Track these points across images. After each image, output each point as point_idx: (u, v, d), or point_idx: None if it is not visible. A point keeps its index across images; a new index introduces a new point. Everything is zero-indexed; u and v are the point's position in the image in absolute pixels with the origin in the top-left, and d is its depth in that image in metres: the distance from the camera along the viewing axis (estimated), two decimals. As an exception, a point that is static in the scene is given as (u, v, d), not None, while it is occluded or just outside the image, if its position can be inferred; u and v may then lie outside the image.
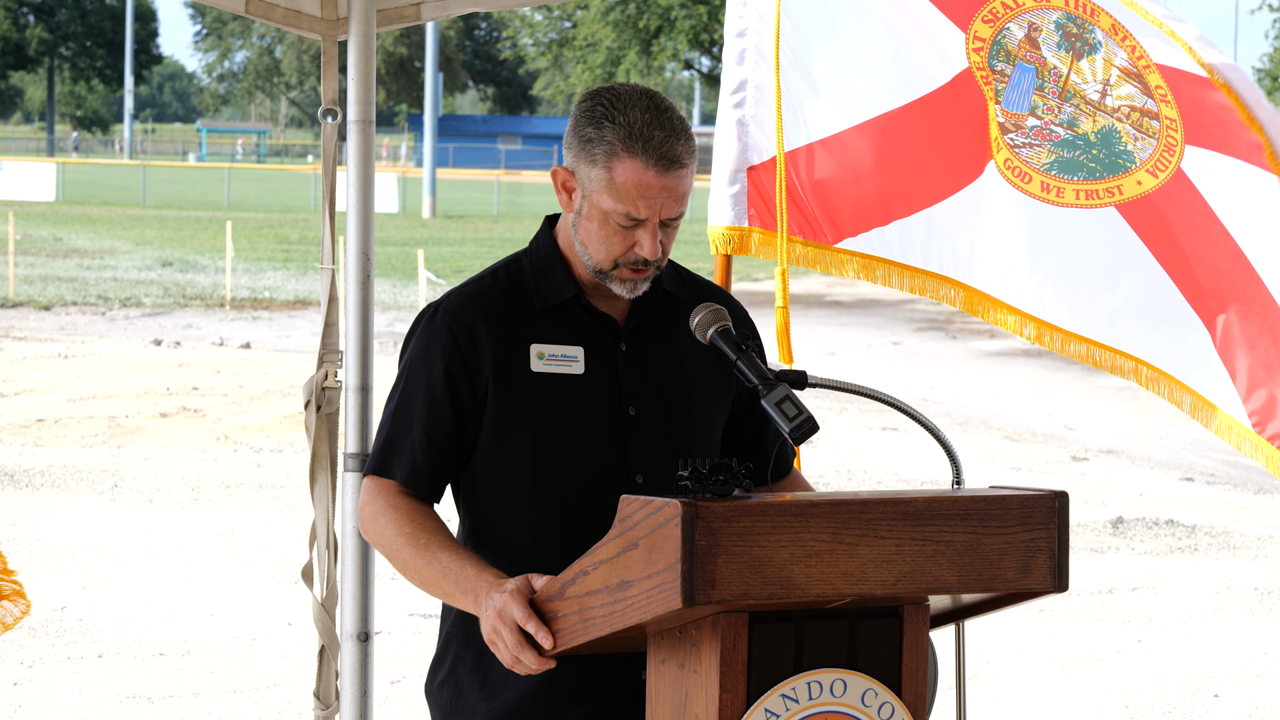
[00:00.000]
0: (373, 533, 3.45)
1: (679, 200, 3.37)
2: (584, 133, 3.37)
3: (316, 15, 4.59)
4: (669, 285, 3.53)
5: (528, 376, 3.42)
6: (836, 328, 24.75)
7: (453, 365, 3.43)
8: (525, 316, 3.45)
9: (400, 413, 3.47)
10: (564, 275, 3.47)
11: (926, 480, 13.60)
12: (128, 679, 8.27)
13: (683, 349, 3.49)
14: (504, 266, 3.53)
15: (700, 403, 3.51)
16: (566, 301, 3.46)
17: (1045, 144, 4.53)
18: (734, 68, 4.86)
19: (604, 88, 3.41)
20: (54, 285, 27.20)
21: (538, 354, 3.43)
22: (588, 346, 3.46)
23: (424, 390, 3.45)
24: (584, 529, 3.36)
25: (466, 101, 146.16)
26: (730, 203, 4.87)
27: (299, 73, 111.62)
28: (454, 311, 3.46)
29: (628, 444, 3.44)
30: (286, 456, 13.97)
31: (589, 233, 3.40)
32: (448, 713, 3.51)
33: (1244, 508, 13.27)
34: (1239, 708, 8.33)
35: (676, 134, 3.35)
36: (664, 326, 3.51)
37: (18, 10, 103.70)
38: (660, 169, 3.33)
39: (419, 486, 3.45)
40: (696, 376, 3.51)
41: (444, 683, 3.52)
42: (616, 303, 3.49)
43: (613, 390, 3.45)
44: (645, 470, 3.43)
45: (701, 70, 65.71)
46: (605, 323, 3.48)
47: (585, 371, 3.44)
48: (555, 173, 3.44)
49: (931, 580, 3.05)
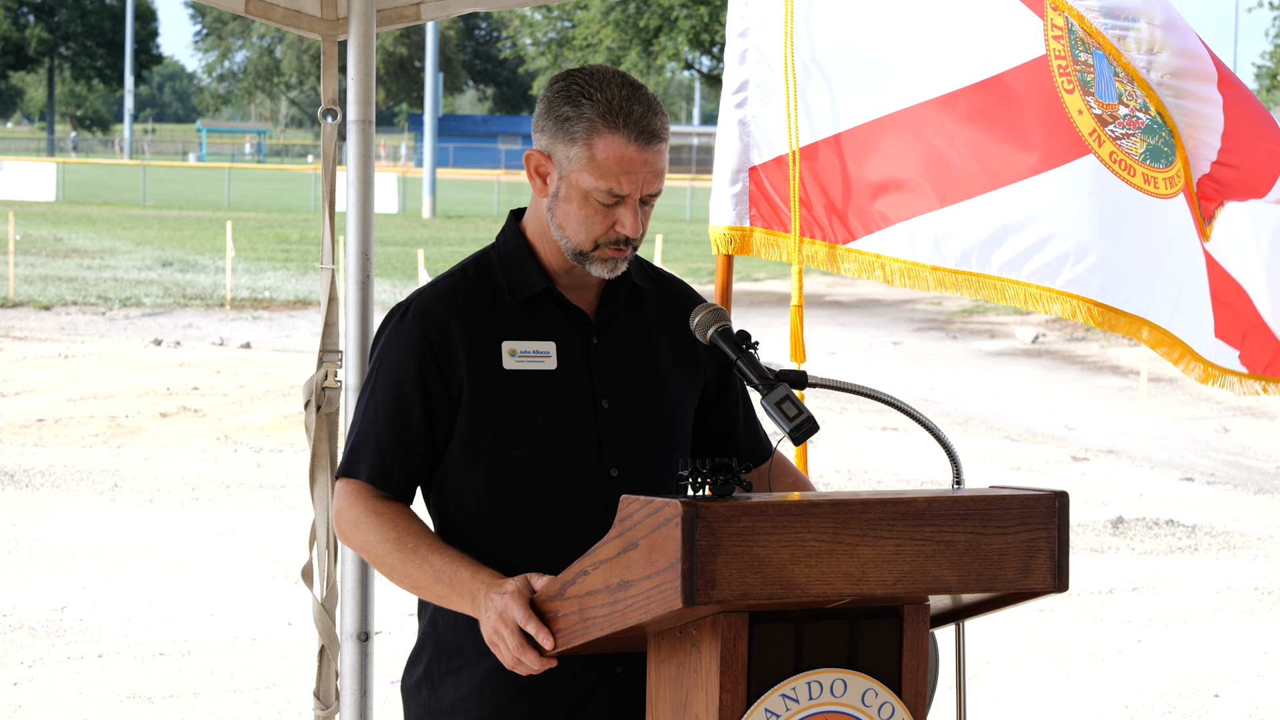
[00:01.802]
0: (355, 539, 3.42)
1: (658, 176, 3.36)
2: (560, 112, 3.36)
3: (316, 15, 4.60)
4: (636, 277, 3.52)
5: (500, 375, 3.40)
6: (836, 328, 24.74)
7: (425, 364, 3.40)
8: (496, 312, 3.44)
9: (369, 412, 3.44)
10: (534, 267, 3.46)
11: (926, 480, 13.60)
12: (128, 679, 8.27)
13: (654, 340, 3.49)
14: (473, 262, 3.51)
15: (672, 393, 3.51)
16: (537, 295, 3.45)
17: (1137, 132, 4.47)
18: (736, 68, 4.85)
19: (574, 69, 3.41)
20: (54, 285, 27.20)
21: (509, 351, 3.41)
22: (559, 341, 3.44)
23: (394, 389, 3.42)
24: (560, 524, 3.37)
25: (466, 101, 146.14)
26: (732, 203, 4.86)
27: (299, 73, 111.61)
28: (425, 310, 3.43)
29: (602, 437, 3.43)
30: (286, 456, 13.97)
31: (567, 214, 3.38)
32: (427, 710, 3.49)
33: (1244, 508, 13.27)
34: (1239, 708, 8.33)
35: (653, 109, 3.35)
36: (634, 318, 3.51)
37: (18, 10, 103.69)
38: (641, 143, 3.32)
39: (388, 486, 3.42)
40: (667, 367, 3.51)
41: (421, 680, 3.50)
42: (586, 295, 3.48)
43: (586, 383, 3.44)
44: (620, 463, 3.42)
45: (701, 70, 65.69)
46: (576, 316, 3.47)
47: (558, 366, 3.43)
48: (529, 157, 3.42)
49: (931, 580, 3.05)
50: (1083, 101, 4.46)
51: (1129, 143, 4.45)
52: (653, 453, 3.45)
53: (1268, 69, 56.36)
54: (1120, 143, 4.44)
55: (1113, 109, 4.46)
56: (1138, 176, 4.44)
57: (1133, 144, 4.45)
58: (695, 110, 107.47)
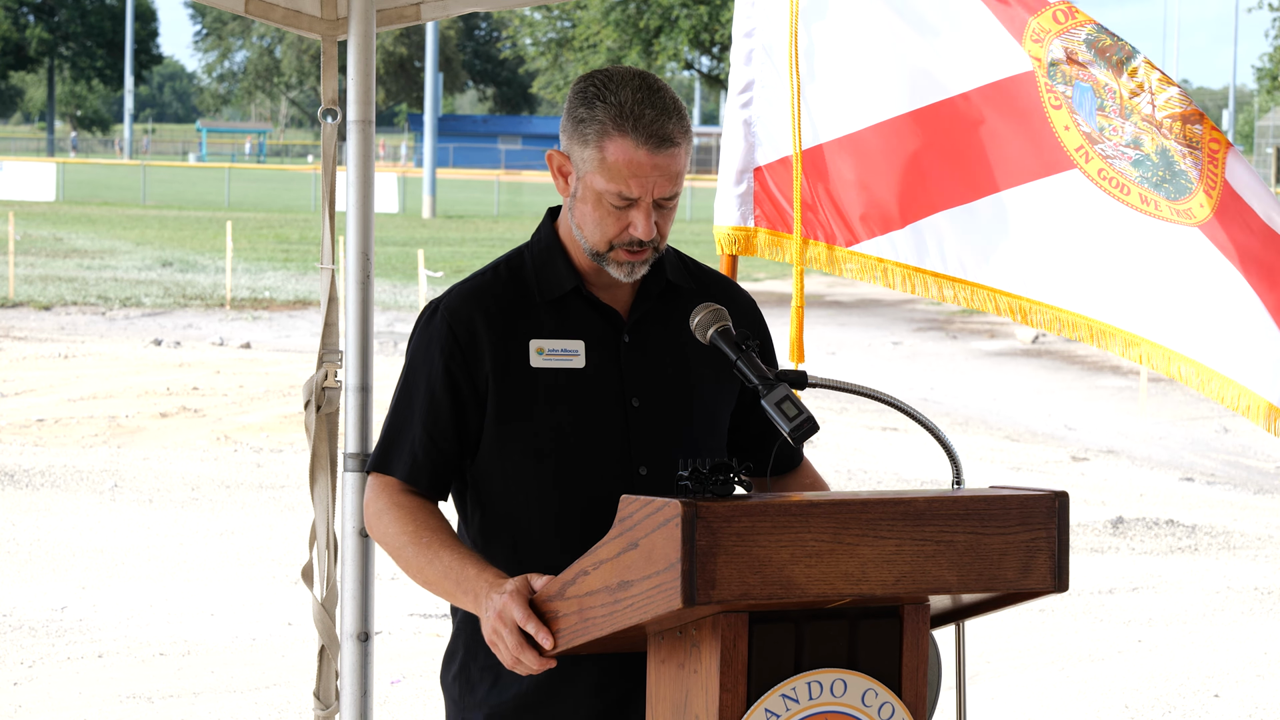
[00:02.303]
0: (377, 530, 3.47)
1: (672, 180, 3.36)
2: (577, 114, 3.38)
3: (316, 15, 4.60)
4: (672, 275, 3.52)
5: (527, 372, 3.42)
6: (836, 328, 24.74)
7: (453, 363, 3.43)
8: (525, 311, 3.45)
9: (401, 410, 3.48)
10: (565, 266, 3.47)
11: (926, 480, 13.59)
12: (128, 679, 8.27)
13: (687, 339, 3.47)
14: (506, 261, 3.53)
15: (705, 392, 3.51)
16: (567, 294, 3.46)
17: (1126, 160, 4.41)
18: (741, 68, 4.85)
19: (598, 70, 3.42)
20: (54, 285, 27.20)
21: (537, 349, 3.43)
22: (589, 339, 3.45)
23: (424, 388, 3.45)
24: (589, 522, 3.36)
25: (466, 101, 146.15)
26: (736, 203, 4.85)
27: (299, 73, 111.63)
28: (453, 309, 3.46)
29: (631, 435, 3.43)
30: (286, 456, 13.97)
31: (584, 215, 3.40)
32: (459, 705, 3.53)
33: (1244, 508, 13.27)
34: (1239, 708, 8.32)
35: (668, 113, 3.35)
36: (668, 316, 3.51)
37: (18, 10, 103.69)
38: (651, 147, 3.33)
39: (419, 483, 3.46)
40: (701, 366, 3.50)
41: (457, 675, 3.54)
42: (619, 293, 3.49)
43: (616, 382, 3.44)
44: (649, 461, 3.43)
45: (701, 70, 65.70)
46: (607, 314, 3.47)
47: (586, 365, 3.44)
48: (551, 157, 3.45)
49: (931, 580, 3.05)
50: (1070, 119, 4.43)
51: (1120, 164, 4.40)
52: (683, 451, 3.44)
53: (1267, 69, 56.36)
54: (1111, 162, 4.39)
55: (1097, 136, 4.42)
56: (1133, 196, 4.38)
57: (1124, 166, 4.40)
58: (695, 110, 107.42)
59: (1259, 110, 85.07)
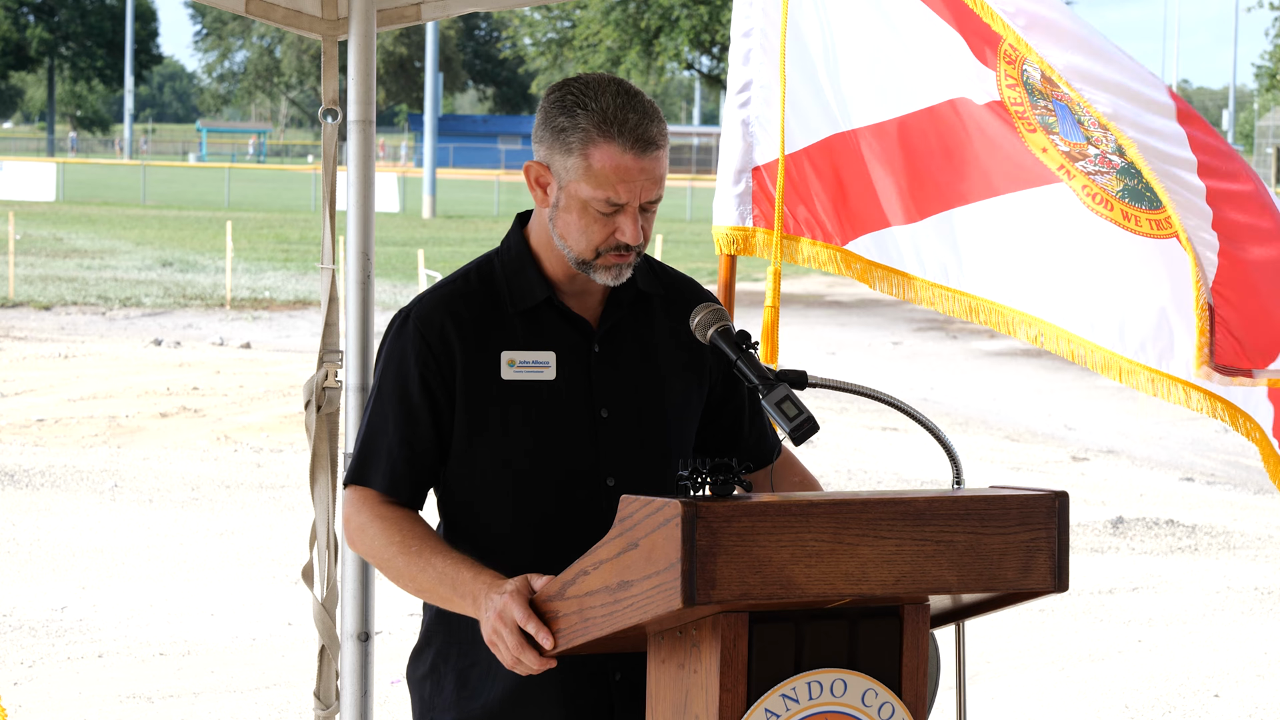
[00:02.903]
0: (361, 544, 3.45)
1: (656, 183, 3.36)
2: (556, 123, 3.36)
3: (316, 15, 4.60)
4: (642, 283, 3.52)
5: (498, 384, 3.41)
6: (836, 328, 24.75)
7: (427, 371, 3.42)
8: (496, 321, 3.44)
9: (376, 420, 3.46)
10: (536, 276, 3.46)
11: (926, 480, 13.60)
12: (128, 679, 8.27)
13: (657, 347, 3.48)
14: (476, 268, 3.51)
15: (674, 400, 3.51)
16: (539, 305, 3.45)
17: (1111, 171, 4.38)
18: (740, 67, 4.85)
19: (570, 78, 3.41)
20: (54, 285, 27.20)
21: (508, 361, 3.42)
22: (560, 350, 3.45)
23: (399, 397, 3.43)
24: (558, 532, 3.38)
25: (466, 101, 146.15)
26: (735, 203, 4.85)
27: (299, 73, 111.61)
28: (425, 317, 3.44)
29: (599, 446, 3.43)
30: (286, 456, 13.97)
31: (568, 224, 3.38)
32: (428, 705, 3.52)
33: (1244, 508, 13.27)
34: (1239, 708, 8.33)
35: (650, 116, 3.35)
36: (638, 325, 3.51)
37: (18, 10, 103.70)
38: (637, 151, 3.32)
39: (400, 494, 3.45)
40: (670, 374, 3.51)
41: (426, 675, 3.53)
42: (589, 302, 3.48)
43: (585, 393, 3.44)
44: (616, 472, 3.43)
45: (702, 70, 65.72)
46: (578, 325, 3.47)
47: (557, 376, 3.43)
48: (528, 169, 3.43)
49: (932, 580, 3.05)
50: (1046, 140, 4.39)
51: (1104, 179, 4.38)
52: (651, 461, 3.45)
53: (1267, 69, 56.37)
54: (1095, 178, 4.37)
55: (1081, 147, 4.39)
56: (1116, 212, 4.36)
57: (1108, 181, 4.38)
58: (695, 110, 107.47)
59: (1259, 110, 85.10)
